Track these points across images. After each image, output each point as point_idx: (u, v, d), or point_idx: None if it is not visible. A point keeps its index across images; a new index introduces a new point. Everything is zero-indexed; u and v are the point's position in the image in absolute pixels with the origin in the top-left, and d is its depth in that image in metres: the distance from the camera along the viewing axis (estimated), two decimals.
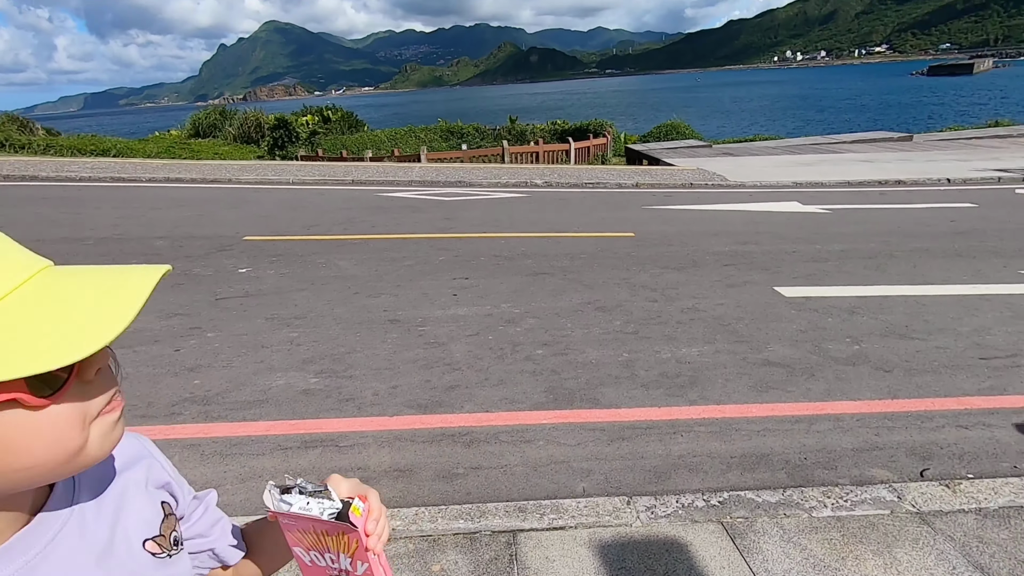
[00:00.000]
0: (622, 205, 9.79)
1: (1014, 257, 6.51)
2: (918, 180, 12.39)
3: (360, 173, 12.60)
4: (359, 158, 18.54)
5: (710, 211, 9.32)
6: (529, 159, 17.74)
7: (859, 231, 7.78)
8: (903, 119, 47.39)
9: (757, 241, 7.21)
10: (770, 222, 8.41)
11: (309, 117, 36.67)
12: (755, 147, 19.61)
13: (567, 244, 6.97)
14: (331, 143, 26.03)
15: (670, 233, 7.60)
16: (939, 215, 8.88)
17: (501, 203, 9.81)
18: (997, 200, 10.14)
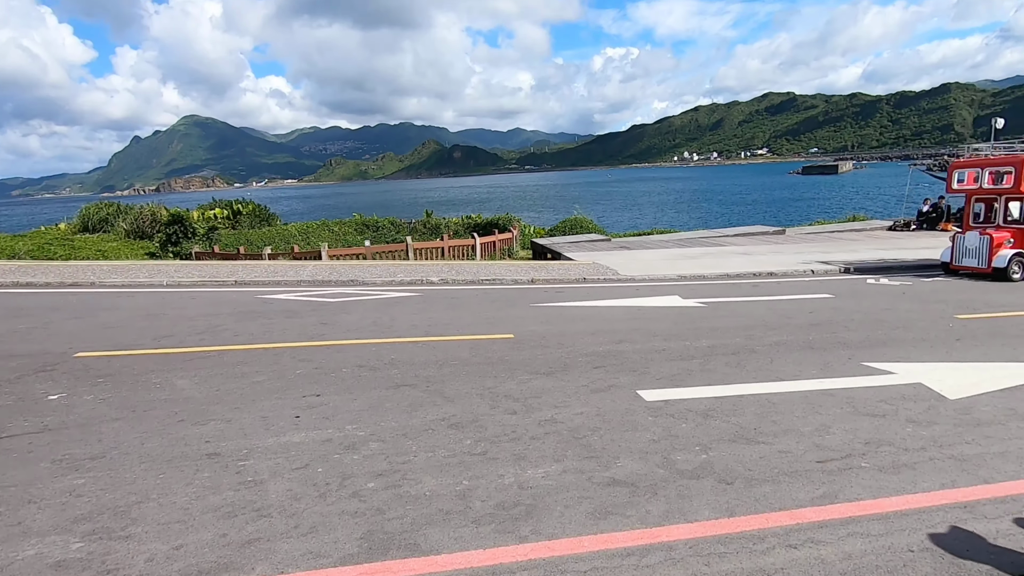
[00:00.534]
0: (512, 303, 9.83)
1: (859, 348, 6.98)
2: (787, 272, 13.51)
3: (246, 273, 12.02)
4: (257, 255, 17.90)
5: (596, 307, 9.54)
6: (434, 255, 17.86)
7: (728, 325, 8.16)
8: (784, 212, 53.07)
9: (632, 339, 7.34)
10: (649, 318, 8.67)
11: (217, 210, 35.64)
12: (650, 241, 20.92)
13: (442, 349, 6.75)
14: (235, 238, 25.15)
15: (550, 333, 7.60)
16: (800, 307, 9.57)
17: (389, 304, 9.56)
18: (850, 291, 11.15)
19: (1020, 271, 12.12)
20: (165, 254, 20.54)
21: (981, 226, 12.88)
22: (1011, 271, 12.03)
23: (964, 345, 7.15)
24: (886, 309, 9.40)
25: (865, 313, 9.07)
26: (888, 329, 7.98)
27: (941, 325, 8.23)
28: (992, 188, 12.43)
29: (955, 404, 5.18)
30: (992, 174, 12.43)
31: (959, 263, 12.84)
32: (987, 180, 12.50)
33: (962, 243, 12.84)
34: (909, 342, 7.31)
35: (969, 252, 12.64)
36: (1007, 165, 12.13)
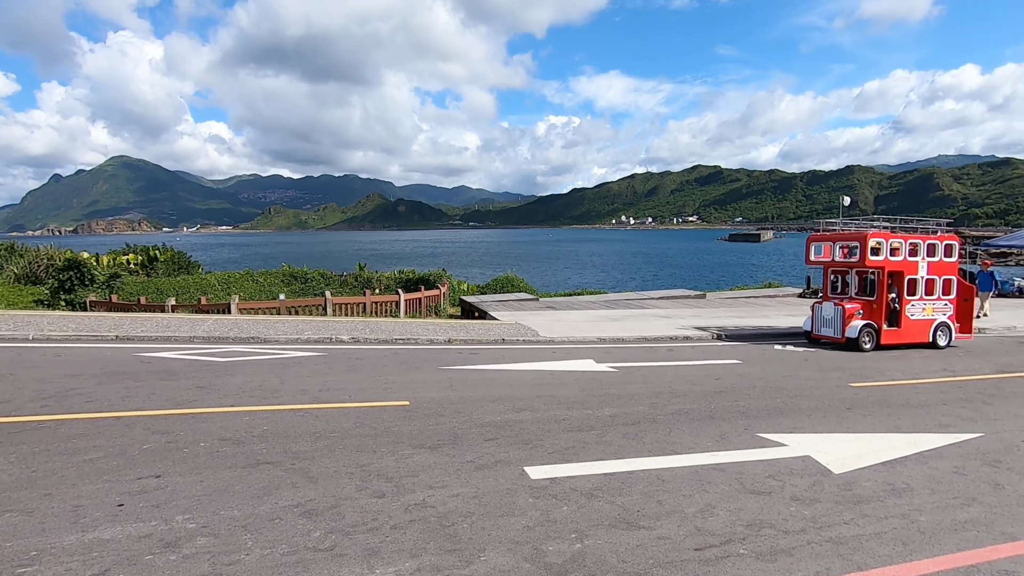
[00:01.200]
0: (420, 365, 9.38)
1: (757, 417, 6.99)
2: (702, 336, 13.82)
3: (134, 327, 10.99)
4: (159, 306, 16.61)
5: (507, 371, 9.24)
6: (355, 311, 17.20)
7: (635, 392, 8.04)
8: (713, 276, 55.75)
9: (535, 407, 7.05)
10: (558, 383, 8.45)
11: (131, 256, 33.38)
12: (578, 301, 21.14)
13: (325, 419, 6.20)
14: (142, 287, 23.44)
15: (450, 400, 7.19)
16: (709, 372, 9.66)
17: (285, 365, 8.89)
18: (758, 356, 11.44)
19: (870, 341, 12.40)
20: (56, 302, 18.71)
21: (837, 297, 13.30)
22: (862, 341, 12.31)
23: (854, 415, 7.31)
24: (787, 376, 9.64)
25: (768, 380, 9.24)
26: (787, 397, 8.10)
27: (836, 394, 8.45)
28: (843, 261, 12.96)
29: (839, 479, 5.15)
30: (843, 248, 12.97)
31: (818, 332, 13.17)
32: (839, 254, 13.08)
33: (820, 313, 13.18)
34: (805, 411, 7.40)
35: (826, 322, 12.97)
36: (854, 240, 12.63)
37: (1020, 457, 5.89)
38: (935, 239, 12.99)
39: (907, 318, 12.65)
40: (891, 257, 12.42)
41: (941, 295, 12.96)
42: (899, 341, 12.63)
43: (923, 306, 12.80)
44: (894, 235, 12.75)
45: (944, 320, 12.96)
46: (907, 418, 7.24)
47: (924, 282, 12.76)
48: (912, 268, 12.64)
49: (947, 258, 13.10)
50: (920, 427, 6.86)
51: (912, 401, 8.14)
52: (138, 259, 32.47)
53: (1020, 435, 6.62)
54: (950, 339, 13.04)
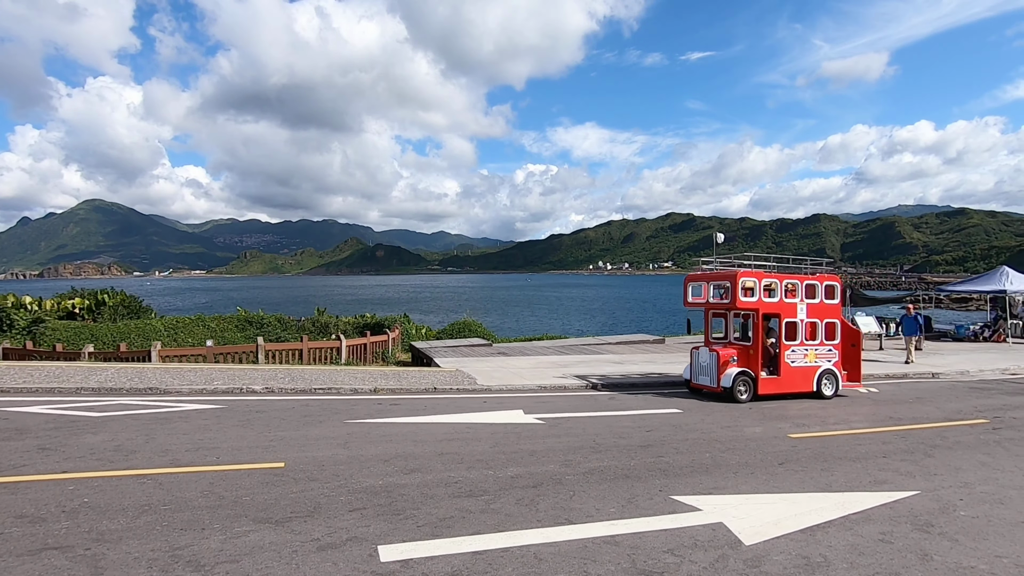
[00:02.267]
0: (327, 418, 8.53)
1: (678, 476, 6.31)
2: (649, 383, 13.20)
3: (19, 377, 9.95)
4: (74, 354, 15.47)
5: (420, 424, 8.45)
6: (291, 357, 16.23)
7: (552, 447, 7.31)
8: (682, 320, 55.76)
9: (430, 467, 6.26)
10: (470, 437, 7.67)
11: (77, 300, 31.86)
12: (533, 347, 20.46)
13: (169, 487, 5.32)
14: (74, 333, 22.08)
15: (335, 461, 6.37)
16: (642, 423, 8.98)
17: (166, 420, 7.96)
18: (700, 404, 10.84)
19: (747, 391, 11.19)
20: None
21: (718, 342, 12.28)
22: (737, 391, 11.09)
23: (786, 471, 6.68)
24: (726, 427, 9.02)
25: (703, 431, 8.60)
26: (718, 451, 7.45)
27: (772, 446, 7.84)
28: (719, 303, 11.85)
29: (748, 552, 4.46)
30: (717, 288, 11.91)
31: (696, 381, 11.89)
32: (713, 295, 12.04)
33: (697, 360, 11.94)
34: (733, 467, 6.75)
35: (703, 369, 11.71)
36: (725, 280, 11.50)
37: (954, 519, 5.28)
38: (814, 279, 11.94)
39: (787, 365, 11.53)
40: (766, 298, 11.45)
41: (824, 340, 11.86)
42: (779, 391, 11.49)
43: (805, 352, 11.69)
44: (768, 274, 11.70)
45: (829, 367, 11.88)
46: (841, 473, 6.63)
47: (804, 326, 11.67)
48: (790, 310, 11.61)
49: (828, 300, 12.00)
50: (853, 484, 6.24)
51: (851, 453, 7.56)
52: (84, 303, 31.00)
53: (958, 492, 6.05)
54: (837, 388, 11.94)
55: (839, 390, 12.05)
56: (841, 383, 12.03)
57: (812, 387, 11.76)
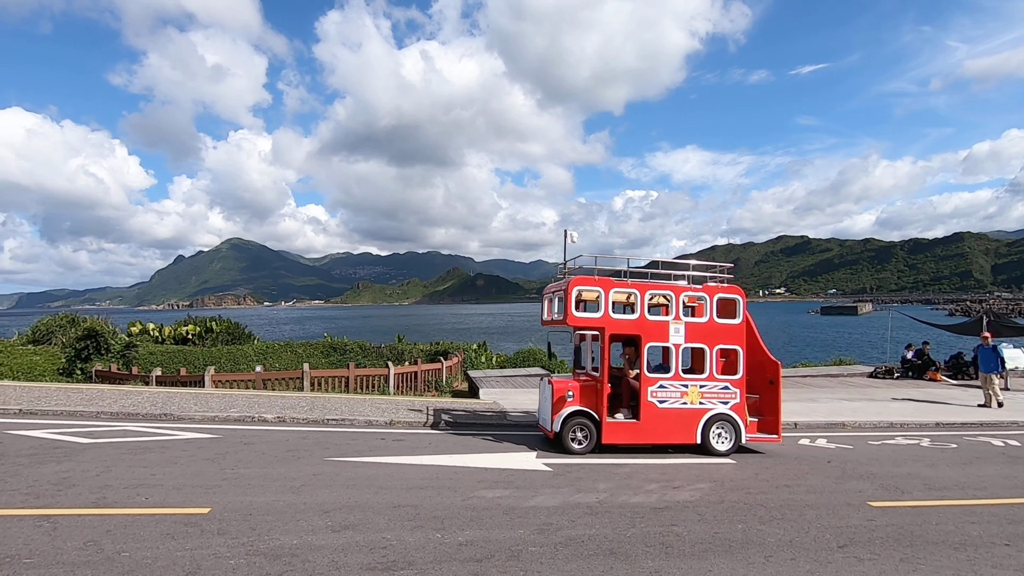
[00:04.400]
0: (304, 455, 7.80)
1: (685, 557, 4.74)
2: None
3: (52, 400, 10.32)
4: (146, 376, 16.37)
5: (403, 466, 7.44)
6: (338, 385, 16.04)
7: (540, 504, 5.98)
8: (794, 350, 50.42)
9: (367, 524, 5.22)
10: (446, 486, 6.53)
11: (190, 327, 34.98)
12: None
13: (66, 531, 4.74)
14: (167, 357, 23.80)
15: (268, 509, 5.53)
16: (672, 474, 7.32)
17: (141, 450, 7.63)
18: (770, 451, 8.85)
19: (587, 440, 8.58)
20: (73, 369, 19.15)
21: (583, 372, 9.57)
22: (568, 438, 8.54)
23: (845, 558, 4.85)
24: (784, 485, 7.11)
25: (748, 490, 6.79)
26: (757, 521, 5.71)
27: (839, 517, 5.92)
28: (558, 321, 8.96)
29: None
30: (561, 302, 8.98)
31: (540, 422, 9.46)
32: (555, 310, 9.23)
33: (540, 395, 9.54)
34: (769, 547, 5.03)
35: (543, 407, 9.21)
36: (561, 290, 8.86)
37: None
38: (698, 291, 8.92)
39: (651, 406, 8.59)
40: (617, 314, 8.69)
41: (715, 374, 8.81)
42: (637, 440, 8.64)
43: (681, 389, 8.71)
44: (620, 283, 8.75)
45: (723, 412, 8.76)
46: (930, 568, 4.69)
47: (681, 353, 8.77)
48: (657, 331, 8.69)
49: (724, 319, 8.91)
50: None
51: (954, 537, 5.47)
52: (196, 330, 33.88)
53: None
54: (736, 441, 8.76)
55: (739, 443, 8.79)
56: (744, 435, 8.81)
57: (694, 438, 8.70)
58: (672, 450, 8.86)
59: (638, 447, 8.83)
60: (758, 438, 9.00)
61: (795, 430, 11.13)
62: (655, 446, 8.82)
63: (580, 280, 8.66)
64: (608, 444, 8.56)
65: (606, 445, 8.58)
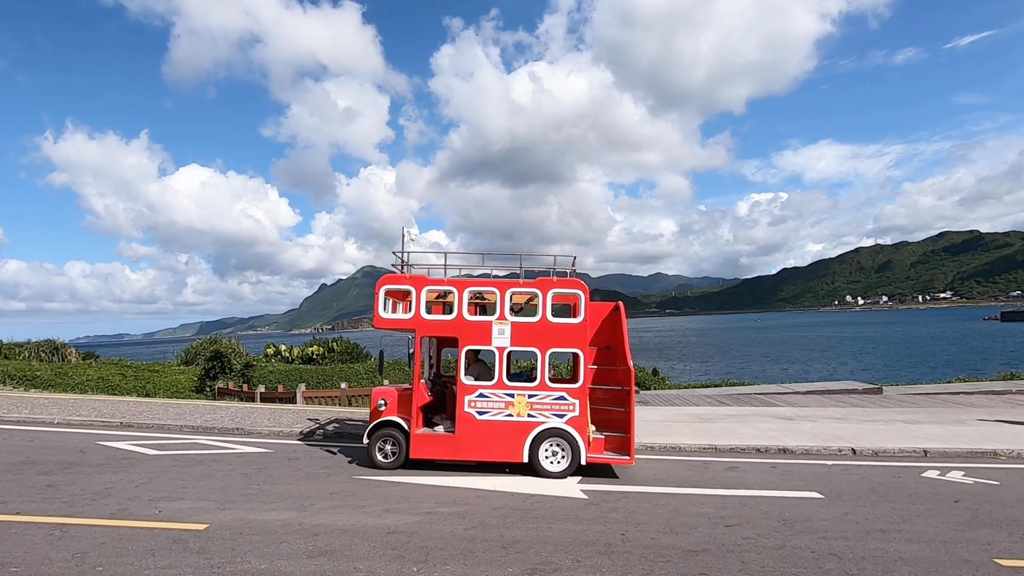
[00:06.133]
0: (339, 471, 7.68)
1: None
2: (810, 450, 9.57)
3: (154, 414, 11.40)
4: (250, 394, 17.79)
5: (429, 486, 7.02)
6: None
7: (550, 536, 5.23)
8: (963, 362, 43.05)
9: (348, 552, 4.85)
10: (460, 512, 5.99)
11: (315, 348, 38.17)
12: (689, 395, 17.20)
13: (68, 541, 4.91)
14: (284, 375, 25.86)
15: (261, 529, 5.37)
16: (729, 512, 6.12)
17: (194, 463, 8.00)
18: (870, 488, 7.19)
19: (396, 453, 7.85)
20: (202, 387, 21.46)
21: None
22: (375, 449, 7.89)
23: None
24: (880, 531, 5.62)
25: (826, 534, 5.44)
26: None
27: None
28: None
29: None
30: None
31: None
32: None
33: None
34: None
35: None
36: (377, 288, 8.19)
37: None
38: (530, 287, 7.94)
39: (469, 418, 7.68)
40: (432, 314, 8.09)
41: (548, 382, 7.68)
42: (451, 456, 7.75)
43: (506, 399, 7.68)
44: (434, 280, 8.13)
45: (557, 426, 7.59)
46: None
47: (507, 358, 7.85)
48: (477, 333, 7.84)
49: (560, 318, 7.95)
50: None
51: None
52: (320, 350, 36.86)
53: None
54: (573, 461, 7.51)
55: (578, 463, 7.52)
56: (584, 454, 7.54)
57: (521, 455, 7.61)
58: None
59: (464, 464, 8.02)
60: (603, 459, 7.69)
61: (923, 458, 9.09)
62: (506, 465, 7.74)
63: (389, 279, 8.23)
64: (417, 459, 7.82)
65: (415, 460, 7.85)
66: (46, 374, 20.43)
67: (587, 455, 7.61)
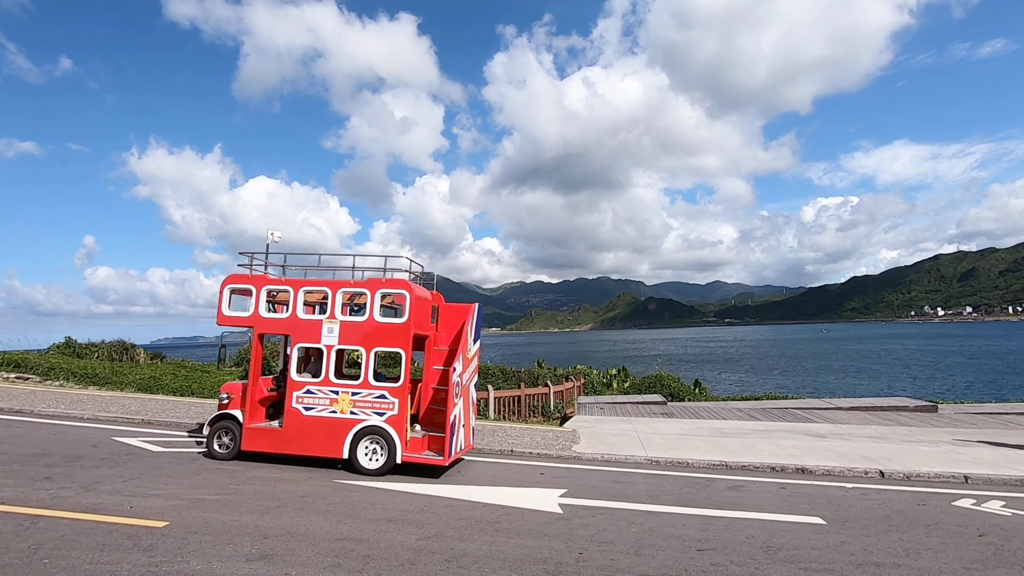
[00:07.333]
0: (322, 473, 7.70)
1: None
2: (832, 471, 8.83)
3: (167, 411, 11.91)
4: None
5: (402, 494, 6.91)
6: None
7: (497, 551, 4.98)
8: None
9: (286, 556, 4.79)
10: (420, 521, 5.83)
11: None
12: (721, 408, 16.37)
13: (34, 532, 5.12)
14: None
15: (224, 528, 5.40)
16: (710, 534, 5.67)
17: (185, 460, 8.22)
18: (883, 515, 6.51)
19: (231, 444, 8.28)
20: None
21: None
22: (213, 443, 8.30)
23: None
24: (875, 563, 5.03)
25: (809, 564, 4.91)
26: None
27: None
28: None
29: None
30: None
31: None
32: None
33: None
34: None
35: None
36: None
37: None
38: (359, 287, 8.15)
39: (296, 413, 8.00)
40: (269, 313, 8.34)
41: (371, 380, 7.90)
42: (279, 450, 8.00)
43: (332, 395, 7.95)
44: (273, 280, 8.41)
45: (376, 424, 7.79)
46: None
47: (335, 356, 8.08)
48: (308, 331, 8.10)
49: (387, 318, 8.11)
50: None
51: None
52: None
53: None
54: (389, 459, 7.69)
55: (394, 461, 7.68)
56: (400, 452, 7.69)
57: (341, 452, 7.83)
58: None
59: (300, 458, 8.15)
60: (418, 458, 7.76)
61: (962, 485, 8.20)
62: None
63: (233, 278, 8.48)
64: (249, 451, 8.13)
65: (246, 452, 8.17)
66: (104, 372, 21.87)
67: (403, 454, 7.75)
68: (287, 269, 8.79)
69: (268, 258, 8.74)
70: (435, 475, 7.92)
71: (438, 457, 7.77)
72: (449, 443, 7.73)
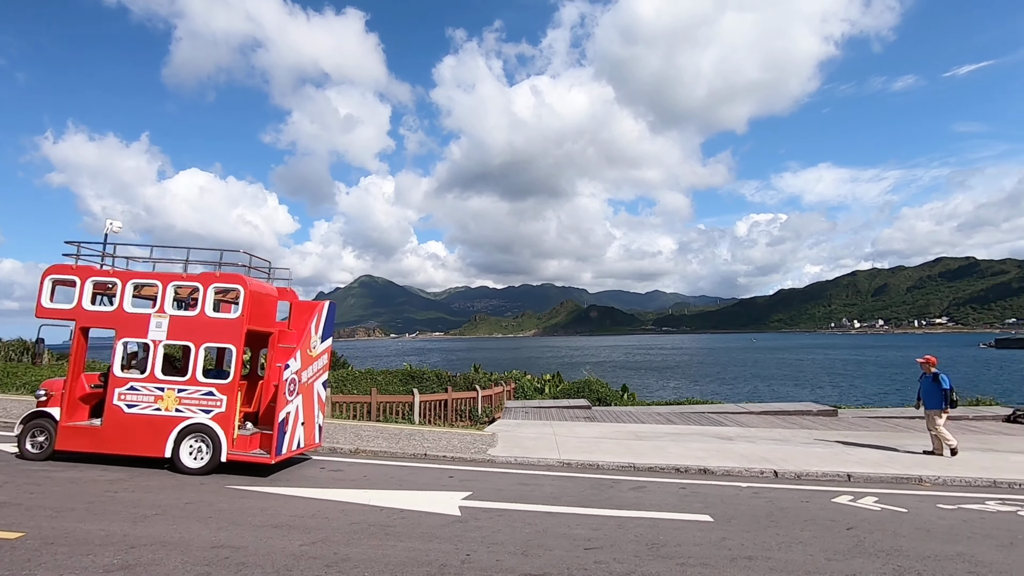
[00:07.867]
0: (218, 480, 7.34)
1: None
2: (731, 471, 9.26)
3: None
4: None
5: (294, 498, 6.68)
6: (361, 411, 15.82)
7: (380, 555, 4.90)
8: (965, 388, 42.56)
9: (148, 563, 4.52)
10: (308, 527, 5.66)
11: None
12: (641, 412, 16.85)
13: None
14: None
15: (86, 539, 5.02)
16: (640, 534, 5.79)
17: (60, 469, 7.64)
18: (753, 510, 6.86)
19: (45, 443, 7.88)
20: None
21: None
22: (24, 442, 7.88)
23: None
24: (747, 557, 5.28)
25: (675, 561, 5.10)
26: None
27: None
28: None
29: None
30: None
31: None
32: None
33: None
34: None
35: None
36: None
37: None
38: (193, 280, 7.96)
39: (117, 410, 7.68)
40: (94, 305, 8.08)
41: (198, 377, 7.70)
42: (98, 449, 7.70)
43: (156, 392, 7.68)
44: (99, 271, 8.13)
45: (202, 422, 7.58)
46: None
47: (160, 352, 7.78)
48: (135, 325, 7.83)
49: (219, 313, 8.04)
50: None
51: None
52: None
53: None
54: (214, 457, 7.52)
55: (219, 460, 7.54)
56: (224, 450, 7.54)
57: (164, 451, 7.60)
58: None
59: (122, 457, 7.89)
60: (244, 456, 7.60)
61: (845, 483, 8.78)
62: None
63: (56, 268, 8.08)
64: (63, 451, 7.83)
65: (61, 452, 7.88)
66: None
67: (229, 452, 7.57)
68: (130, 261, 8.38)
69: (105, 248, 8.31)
70: (330, 480, 7.70)
71: (265, 455, 7.57)
72: (278, 441, 7.49)
